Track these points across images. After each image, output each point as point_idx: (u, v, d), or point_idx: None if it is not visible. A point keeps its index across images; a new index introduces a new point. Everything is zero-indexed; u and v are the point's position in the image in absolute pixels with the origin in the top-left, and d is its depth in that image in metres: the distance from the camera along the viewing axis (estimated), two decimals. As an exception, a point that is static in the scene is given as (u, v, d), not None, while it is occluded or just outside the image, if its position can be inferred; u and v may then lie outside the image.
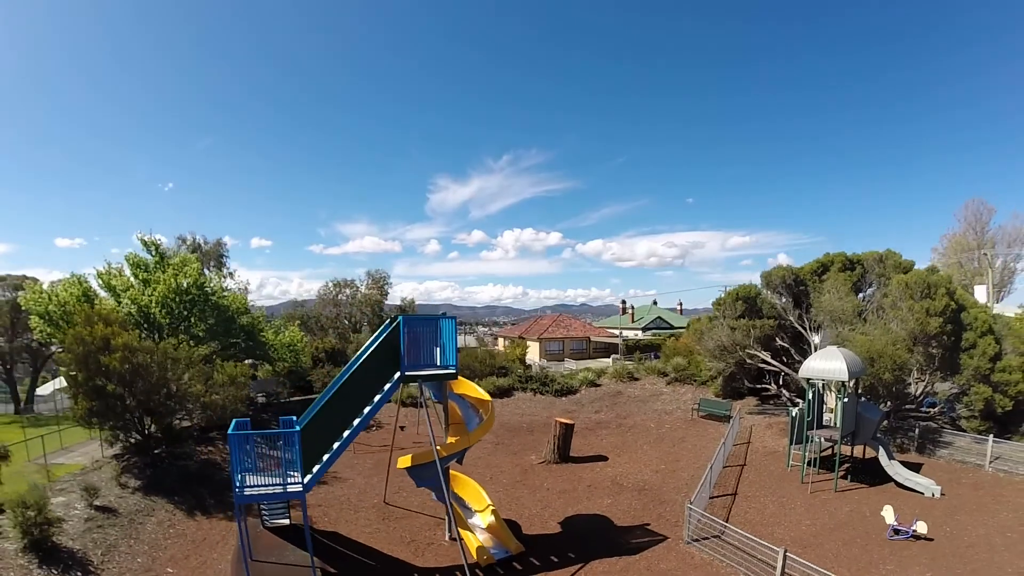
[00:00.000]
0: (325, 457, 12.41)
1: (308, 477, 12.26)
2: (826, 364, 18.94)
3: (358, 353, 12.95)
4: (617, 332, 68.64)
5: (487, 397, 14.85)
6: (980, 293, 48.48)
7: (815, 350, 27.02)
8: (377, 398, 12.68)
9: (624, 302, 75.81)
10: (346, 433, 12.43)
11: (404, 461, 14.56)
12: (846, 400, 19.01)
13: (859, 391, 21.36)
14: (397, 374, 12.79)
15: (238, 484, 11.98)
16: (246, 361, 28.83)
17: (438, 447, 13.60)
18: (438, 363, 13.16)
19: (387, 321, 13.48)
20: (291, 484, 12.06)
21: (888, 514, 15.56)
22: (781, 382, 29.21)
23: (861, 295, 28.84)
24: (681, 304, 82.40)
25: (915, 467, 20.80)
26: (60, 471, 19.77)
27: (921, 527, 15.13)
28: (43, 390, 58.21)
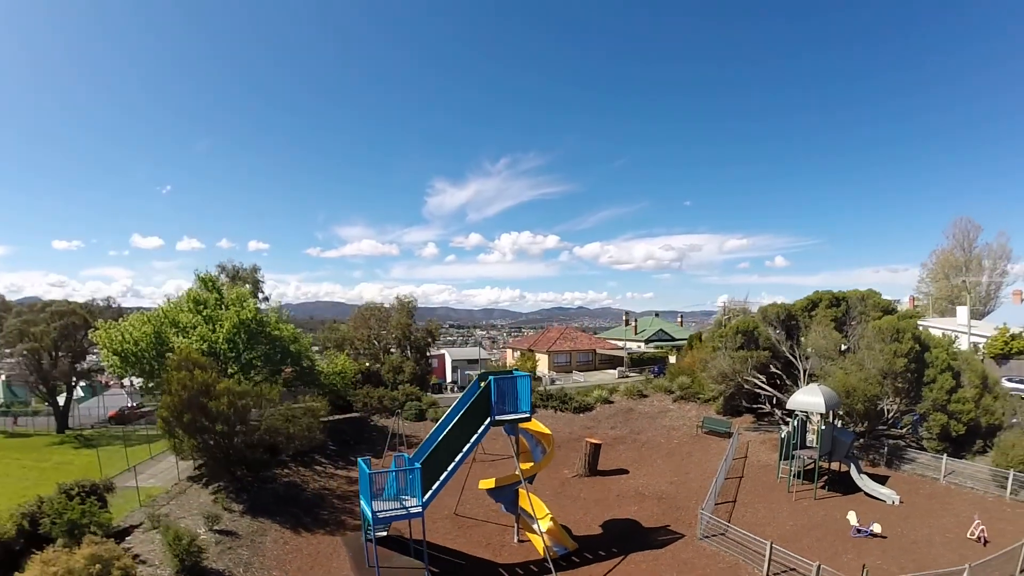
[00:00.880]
0: (435, 485, 17.55)
1: (424, 499, 17.35)
2: (808, 398, 24.47)
3: (457, 404, 18.11)
4: (621, 344, 74.23)
5: (548, 431, 20.17)
6: (962, 314, 54.47)
7: (804, 376, 32.61)
8: (473, 438, 17.92)
9: (627, 314, 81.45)
10: (451, 466, 17.66)
11: (487, 483, 19.88)
12: (823, 427, 24.54)
13: (834, 418, 26.87)
14: (488, 419, 18.03)
15: (374, 510, 16.89)
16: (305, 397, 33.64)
17: (515, 472, 18.92)
18: (518, 409, 18.45)
19: (477, 378, 18.69)
20: (412, 507, 17.11)
21: (851, 517, 21.08)
22: (775, 402, 34.75)
23: (845, 327, 34.42)
24: (682, 317, 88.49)
25: (883, 479, 26.34)
26: (143, 495, 23.38)
27: (876, 527, 20.64)
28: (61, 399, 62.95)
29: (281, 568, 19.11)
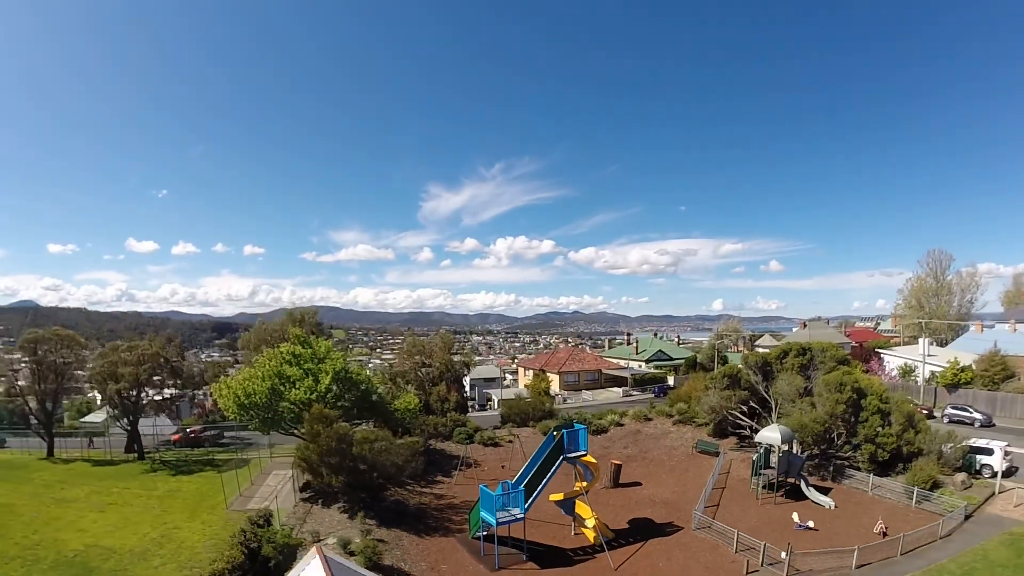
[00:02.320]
0: (529, 500, 29.84)
1: (524, 508, 29.65)
2: (770, 434, 37.24)
3: (541, 448, 30.43)
4: (624, 364, 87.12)
5: (595, 461, 32.56)
6: (922, 345, 67.83)
7: (775, 411, 45.38)
8: (552, 469, 30.27)
9: (629, 334, 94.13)
10: (539, 487, 29.98)
11: (556, 496, 32.20)
12: (781, 454, 37.35)
13: (791, 447, 39.62)
14: (561, 457, 30.41)
15: (497, 518, 28.96)
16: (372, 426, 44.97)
17: (575, 488, 31.38)
18: (578, 449, 30.88)
19: (552, 430, 31.04)
20: (517, 514, 29.33)
21: (795, 516, 33.83)
22: (753, 429, 47.54)
23: (809, 370, 47.16)
24: (679, 337, 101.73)
25: (827, 491, 39.08)
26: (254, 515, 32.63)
27: (811, 523, 33.37)
28: (94, 417, 70.14)
29: (425, 561, 30.25)
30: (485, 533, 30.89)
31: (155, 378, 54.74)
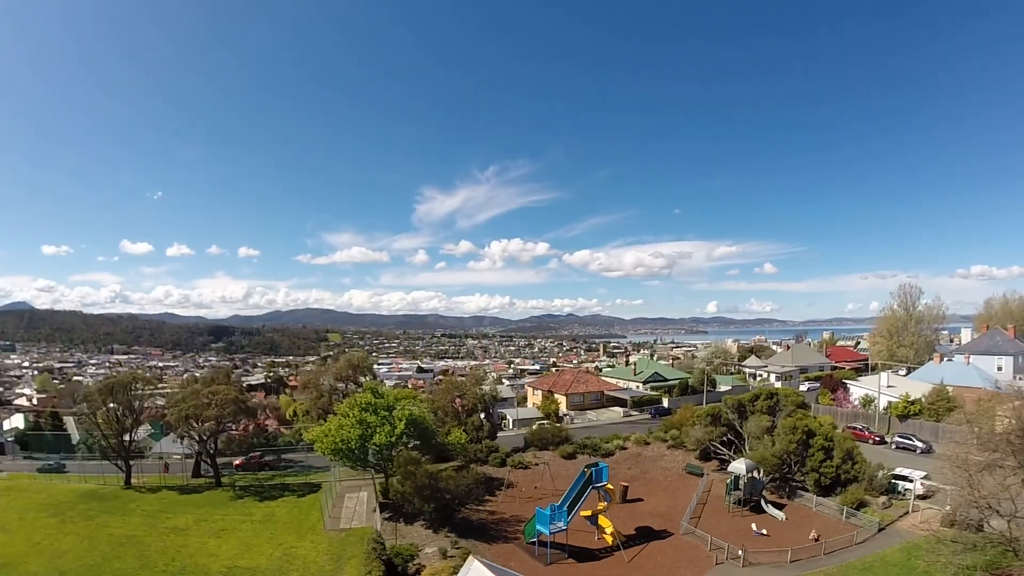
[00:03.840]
0: (570, 516, 46.81)
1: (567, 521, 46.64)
2: (738, 465, 54.62)
3: (576, 480, 47.40)
4: (623, 385, 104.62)
5: (612, 487, 49.64)
6: (879, 379, 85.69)
7: (747, 444, 62.85)
8: (585, 495, 47.18)
9: (628, 356, 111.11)
10: (576, 507, 46.95)
11: (585, 512, 49.16)
12: (746, 479, 54.92)
13: (757, 473, 57.19)
14: (591, 487, 47.41)
15: (548, 530, 45.72)
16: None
17: (599, 507, 48.59)
18: (602, 480, 47.95)
19: (584, 468, 48.05)
20: (561, 526, 46.06)
21: (753, 526, 51.29)
22: (730, 456, 64.98)
23: (776, 408, 64.55)
24: (673, 357, 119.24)
25: (781, 506, 56.45)
26: (361, 532, 46.71)
27: (765, 531, 50.76)
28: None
29: (497, 560, 45.23)
30: (535, 539, 47.87)
31: (236, 418, 65.25)
